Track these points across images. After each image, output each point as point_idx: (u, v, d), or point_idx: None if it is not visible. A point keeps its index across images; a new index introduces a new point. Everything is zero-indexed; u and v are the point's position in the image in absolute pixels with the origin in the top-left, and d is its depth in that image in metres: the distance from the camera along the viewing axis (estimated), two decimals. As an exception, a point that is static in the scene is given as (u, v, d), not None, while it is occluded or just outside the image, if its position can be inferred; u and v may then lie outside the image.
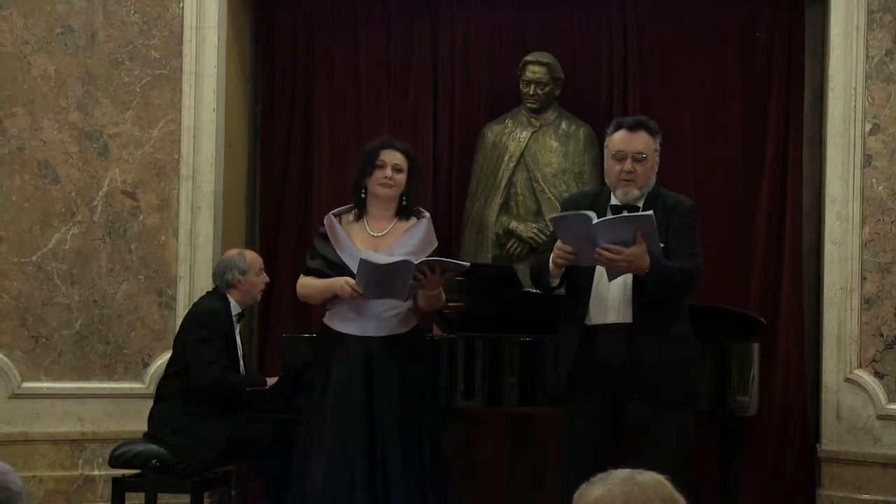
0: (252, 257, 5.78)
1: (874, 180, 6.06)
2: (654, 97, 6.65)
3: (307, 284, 4.77)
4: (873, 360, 6.02)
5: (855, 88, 6.09)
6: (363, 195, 4.74)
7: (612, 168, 4.39)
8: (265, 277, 5.76)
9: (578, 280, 4.36)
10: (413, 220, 4.75)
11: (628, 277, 4.28)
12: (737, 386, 5.14)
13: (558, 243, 4.27)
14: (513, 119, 6.54)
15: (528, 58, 6.45)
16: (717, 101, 6.64)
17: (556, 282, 4.37)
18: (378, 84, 6.79)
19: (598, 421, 4.30)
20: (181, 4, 6.22)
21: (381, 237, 4.69)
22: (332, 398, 4.61)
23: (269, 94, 6.85)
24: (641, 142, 4.37)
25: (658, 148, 4.44)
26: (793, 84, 6.57)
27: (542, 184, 6.40)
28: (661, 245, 4.26)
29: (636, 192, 4.35)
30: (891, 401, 5.99)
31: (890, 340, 6.00)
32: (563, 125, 6.49)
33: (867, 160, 6.07)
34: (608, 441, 4.31)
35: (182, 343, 5.55)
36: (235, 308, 5.62)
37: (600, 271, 4.31)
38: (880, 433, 5.99)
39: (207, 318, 5.55)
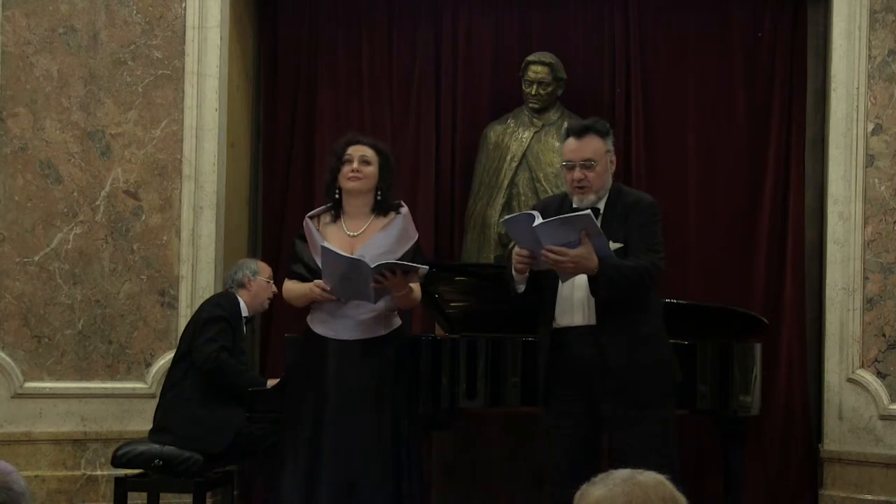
0: (263, 264, 5.89)
1: (876, 180, 6.06)
2: (656, 97, 6.65)
3: (289, 289, 4.78)
4: (875, 361, 6.02)
5: (857, 88, 6.09)
6: (337, 195, 4.71)
7: (565, 177, 4.43)
8: (273, 287, 5.81)
9: (544, 284, 4.36)
10: (392, 215, 4.70)
11: (586, 279, 4.28)
12: (739, 386, 5.14)
13: (515, 248, 4.32)
14: (515, 119, 6.54)
15: (531, 58, 6.45)
16: (720, 101, 6.64)
17: (521, 288, 4.36)
18: (380, 83, 6.79)
19: (578, 422, 4.32)
20: (183, 4, 6.22)
21: (358, 236, 4.64)
22: (306, 407, 4.60)
23: (272, 93, 6.86)
24: (589, 148, 4.36)
25: (611, 149, 4.41)
26: (795, 84, 6.58)
27: (544, 184, 6.40)
28: (620, 245, 4.27)
29: (592, 198, 4.36)
30: (893, 401, 5.99)
31: (892, 340, 6.00)
32: (566, 125, 6.48)
33: (869, 160, 6.07)
34: (590, 441, 4.33)
35: (192, 326, 5.58)
36: (244, 310, 5.65)
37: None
38: (882, 433, 5.98)
39: (222, 299, 5.65)
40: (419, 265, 4.55)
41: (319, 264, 4.59)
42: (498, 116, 6.63)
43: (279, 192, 6.80)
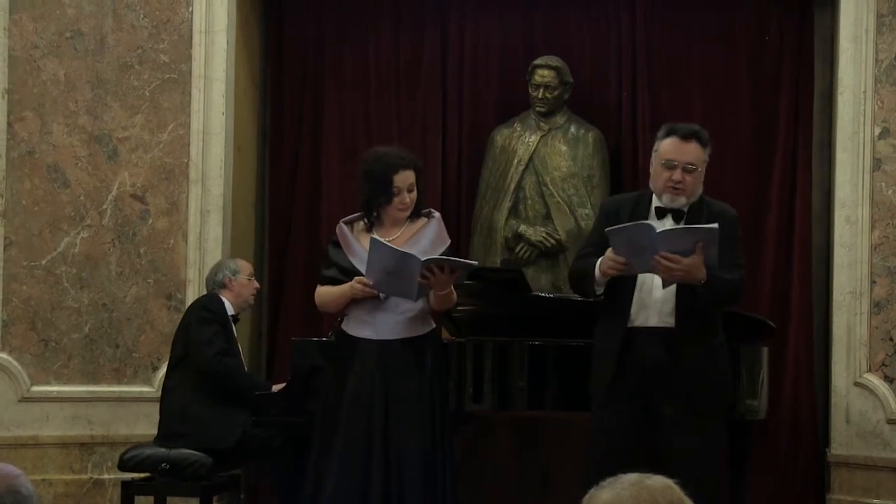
0: (242, 262, 5.89)
1: (883, 184, 6.05)
2: (662, 101, 6.65)
3: (323, 293, 4.71)
4: (883, 365, 6.01)
5: (864, 92, 6.08)
6: (375, 213, 4.67)
7: (660, 175, 4.43)
8: (256, 283, 5.86)
9: (620, 283, 4.38)
10: (423, 220, 4.70)
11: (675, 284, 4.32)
12: (746, 390, 5.13)
13: (610, 253, 4.30)
14: (522, 123, 6.54)
15: (537, 61, 6.45)
16: (727, 105, 6.63)
17: (601, 290, 4.41)
18: (387, 87, 6.79)
19: (632, 424, 4.35)
20: (190, 8, 6.23)
21: (392, 241, 4.61)
22: (345, 409, 4.58)
23: (279, 97, 6.86)
24: (693, 152, 4.41)
25: (707, 159, 4.48)
26: (802, 88, 6.57)
27: (550, 187, 6.40)
28: None
29: (683, 200, 4.41)
30: (900, 405, 5.98)
31: (899, 344, 6.00)
32: (572, 129, 6.49)
33: (876, 164, 6.06)
34: (638, 445, 4.34)
35: (184, 331, 5.57)
36: (229, 309, 5.65)
37: (643, 276, 4.35)
38: (890, 437, 5.97)
39: (209, 302, 5.65)
40: (468, 261, 4.61)
41: (356, 265, 4.57)
42: (504, 120, 6.62)
43: (286, 196, 6.80)
